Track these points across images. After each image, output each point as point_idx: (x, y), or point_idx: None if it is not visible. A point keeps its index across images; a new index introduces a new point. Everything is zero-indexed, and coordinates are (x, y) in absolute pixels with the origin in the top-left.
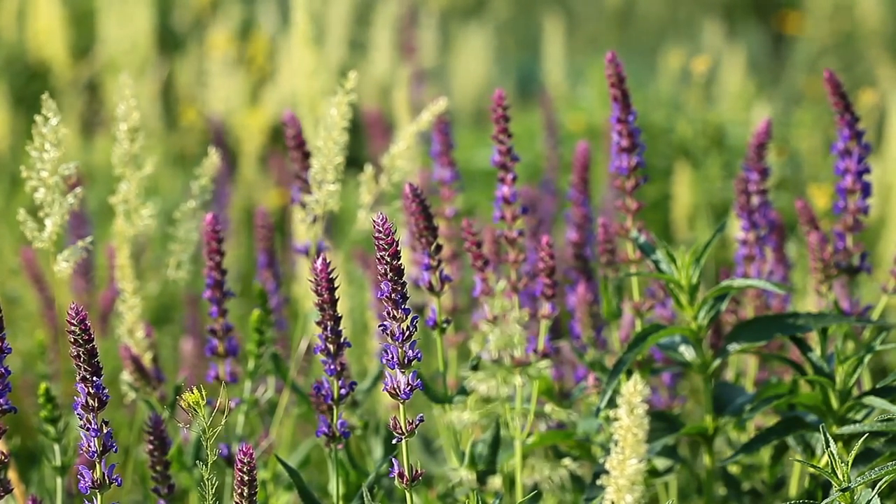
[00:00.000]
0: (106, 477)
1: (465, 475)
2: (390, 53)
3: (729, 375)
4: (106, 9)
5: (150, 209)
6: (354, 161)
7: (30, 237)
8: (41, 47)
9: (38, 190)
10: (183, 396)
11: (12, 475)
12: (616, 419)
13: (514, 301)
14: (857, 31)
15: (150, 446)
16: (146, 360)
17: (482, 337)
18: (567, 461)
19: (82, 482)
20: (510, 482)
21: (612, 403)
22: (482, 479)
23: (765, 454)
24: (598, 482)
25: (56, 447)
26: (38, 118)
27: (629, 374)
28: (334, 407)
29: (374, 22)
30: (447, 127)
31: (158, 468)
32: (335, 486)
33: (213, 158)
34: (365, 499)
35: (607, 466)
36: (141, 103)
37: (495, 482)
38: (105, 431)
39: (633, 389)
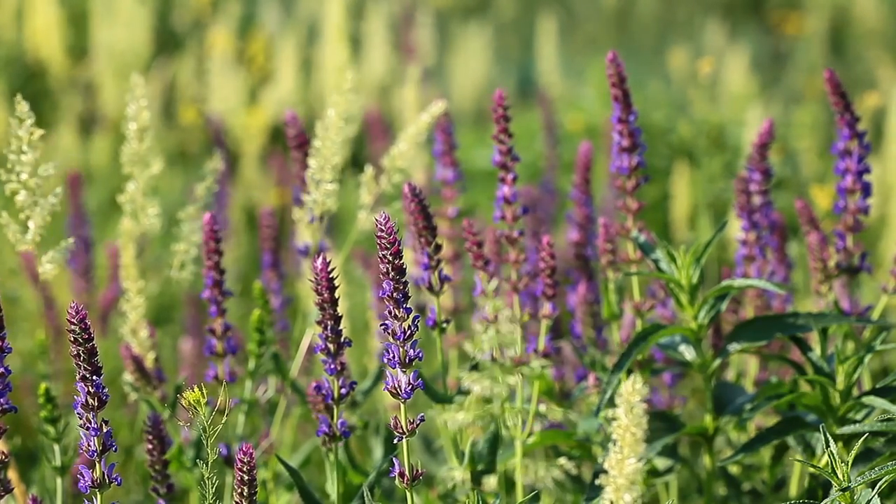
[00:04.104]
0: (106, 476)
1: (464, 475)
2: (388, 52)
3: (729, 375)
4: (103, 8)
5: (156, 208)
6: (354, 161)
7: (12, 240)
8: (39, 47)
9: (19, 192)
10: (184, 395)
11: (13, 475)
12: (615, 418)
13: (513, 301)
14: (857, 31)
15: (150, 445)
16: (148, 359)
17: (479, 337)
18: (562, 461)
19: (82, 481)
20: (511, 482)
21: (612, 403)
22: (481, 479)
23: (765, 454)
24: (598, 482)
25: (56, 447)
26: (12, 120)
27: (629, 373)
28: (334, 406)
29: (371, 20)
30: (450, 126)
31: (158, 467)
32: (335, 486)
33: (217, 161)
34: (365, 499)
35: (605, 466)
36: None
37: (494, 482)
38: (105, 431)
39: (632, 388)
